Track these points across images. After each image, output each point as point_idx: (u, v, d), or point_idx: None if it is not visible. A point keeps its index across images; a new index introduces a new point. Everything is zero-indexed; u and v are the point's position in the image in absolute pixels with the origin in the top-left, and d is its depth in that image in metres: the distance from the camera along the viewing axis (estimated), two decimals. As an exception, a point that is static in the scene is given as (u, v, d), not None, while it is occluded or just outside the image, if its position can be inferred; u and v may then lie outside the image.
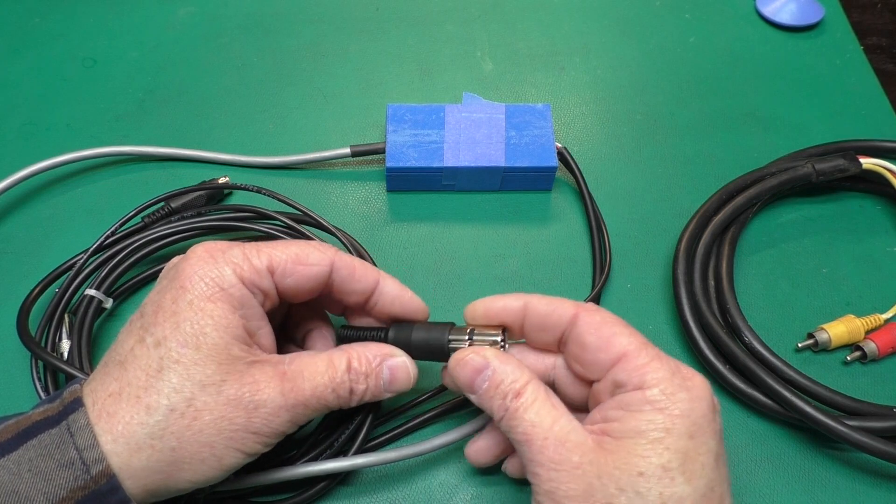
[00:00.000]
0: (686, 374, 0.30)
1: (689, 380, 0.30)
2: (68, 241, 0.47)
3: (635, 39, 0.61)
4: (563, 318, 0.33)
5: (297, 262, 0.33)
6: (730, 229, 0.47)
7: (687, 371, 0.30)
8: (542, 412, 0.30)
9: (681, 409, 0.28)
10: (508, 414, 0.30)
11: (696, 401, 0.29)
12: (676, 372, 0.30)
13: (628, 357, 0.30)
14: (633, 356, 0.30)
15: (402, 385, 0.34)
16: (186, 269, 0.31)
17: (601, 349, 0.31)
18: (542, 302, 0.33)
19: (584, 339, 0.32)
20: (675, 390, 0.29)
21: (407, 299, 0.36)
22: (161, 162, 0.52)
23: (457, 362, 0.32)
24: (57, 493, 0.28)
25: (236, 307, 0.31)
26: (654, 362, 0.30)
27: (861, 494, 0.39)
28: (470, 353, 0.32)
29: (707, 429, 0.29)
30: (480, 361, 0.32)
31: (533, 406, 0.30)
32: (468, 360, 0.32)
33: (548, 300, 0.33)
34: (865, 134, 0.54)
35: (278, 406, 0.31)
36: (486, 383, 0.31)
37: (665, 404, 0.29)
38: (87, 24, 0.60)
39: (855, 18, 0.64)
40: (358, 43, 0.60)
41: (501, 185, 0.50)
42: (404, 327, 0.36)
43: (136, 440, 0.29)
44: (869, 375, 0.43)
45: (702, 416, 0.29)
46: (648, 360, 0.30)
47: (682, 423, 0.28)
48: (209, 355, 0.30)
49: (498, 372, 0.31)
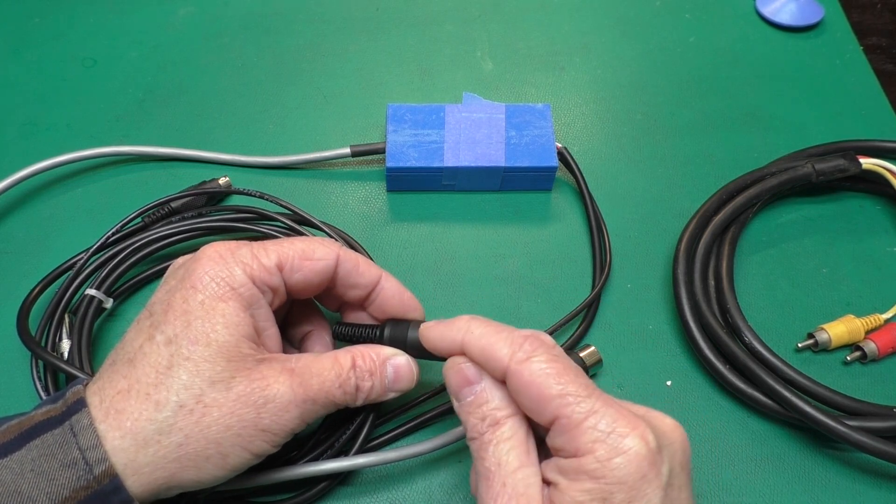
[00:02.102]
0: (622, 432, 0.27)
1: (625, 437, 0.27)
2: (68, 241, 0.47)
3: (635, 39, 0.61)
4: (498, 367, 0.30)
5: (304, 258, 0.33)
6: (730, 229, 0.47)
7: (626, 424, 0.27)
8: (513, 454, 0.29)
9: (617, 476, 0.27)
10: (482, 440, 0.29)
11: (633, 463, 0.27)
12: (613, 430, 0.27)
13: (561, 420, 0.28)
14: (566, 418, 0.28)
15: (406, 383, 0.35)
16: (197, 269, 0.31)
17: (534, 411, 0.29)
18: (479, 343, 0.30)
19: (519, 397, 0.29)
20: (610, 454, 0.27)
21: (406, 298, 0.37)
22: (161, 162, 0.52)
23: (452, 365, 0.32)
24: (60, 493, 0.28)
25: (246, 307, 0.31)
26: (588, 420, 0.27)
27: (861, 494, 0.39)
28: (465, 362, 0.31)
29: (647, 489, 0.27)
30: (474, 374, 0.31)
31: (507, 443, 0.29)
32: (463, 369, 0.31)
33: (485, 341, 0.30)
34: (865, 134, 0.54)
35: (287, 401, 0.31)
36: (471, 396, 0.31)
37: (601, 472, 0.27)
38: (87, 24, 0.60)
39: (855, 18, 0.64)
40: (358, 43, 0.60)
41: (501, 185, 0.50)
42: (400, 325, 0.36)
43: (143, 436, 0.29)
44: (869, 375, 0.43)
45: (640, 477, 0.27)
46: (583, 417, 0.27)
47: (619, 489, 0.27)
48: (219, 352, 0.30)
49: (486, 391, 0.30)
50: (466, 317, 0.32)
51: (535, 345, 0.29)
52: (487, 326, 0.31)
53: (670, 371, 0.43)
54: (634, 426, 0.27)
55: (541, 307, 0.46)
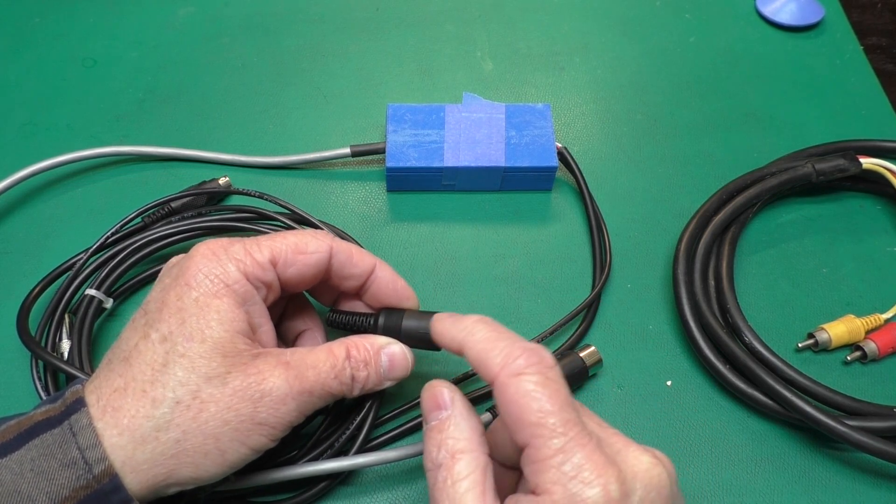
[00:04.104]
0: (585, 479, 0.26)
1: (586, 485, 0.26)
2: (68, 241, 0.47)
3: (635, 39, 0.61)
4: (488, 376, 0.29)
5: (298, 252, 0.33)
6: (730, 229, 0.47)
7: (592, 471, 0.26)
8: (468, 496, 0.27)
9: None
10: (439, 473, 0.28)
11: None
12: (577, 476, 0.26)
13: (530, 450, 0.27)
14: (535, 449, 0.27)
15: (401, 371, 0.35)
16: (191, 267, 0.31)
17: (511, 429, 0.28)
18: (476, 347, 0.29)
19: (500, 411, 0.28)
20: (567, 500, 0.26)
21: (400, 287, 0.37)
22: (161, 162, 0.52)
23: (429, 387, 0.31)
24: (59, 493, 0.28)
25: (241, 303, 0.31)
26: (555, 458, 0.26)
27: (861, 494, 0.39)
28: (444, 386, 0.31)
29: None
30: (445, 400, 0.30)
31: (463, 482, 0.28)
32: (436, 392, 0.31)
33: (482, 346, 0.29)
34: (865, 134, 0.54)
35: (284, 394, 0.31)
36: (435, 422, 0.30)
37: None
38: (87, 24, 0.60)
39: (855, 18, 0.64)
40: (358, 43, 0.60)
41: (501, 185, 0.50)
42: (394, 314, 0.36)
43: (141, 433, 0.29)
44: (869, 375, 0.43)
45: None
46: (551, 454, 0.26)
47: None
48: (214, 348, 0.30)
49: (453, 419, 0.29)
50: (475, 317, 0.31)
51: (531, 361, 0.28)
52: (491, 331, 0.30)
53: (670, 371, 0.43)
54: (600, 474, 0.26)
55: (541, 307, 0.46)
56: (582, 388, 0.42)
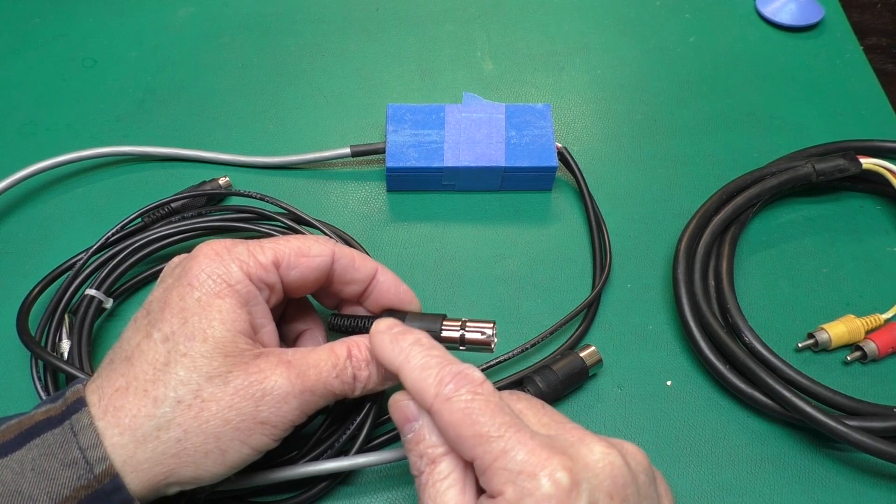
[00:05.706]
0: (531, 472, 0.26)
1: (533, 477, 0.26)
2: (68, 241, 0.47)
3: (635, 39, 0.61)
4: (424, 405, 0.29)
5: (301, 255, 0.34)
6: (730, 229, 0.47)
7: (536, 464, 0.26)
8: (450, 493, 0.28)
9: None
10: (421, 479, 0.29)
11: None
12: (522, 471, 0.26)
13: (476, 461, 0.28)
14: (479, 459, 0.27)
15: None
16: (194, 267, 0.31)
17: (458, 451, 0.29)
18: (410, 376, 0.30)
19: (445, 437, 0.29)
20: (518, 496, 0.26)
21: (402, 291, 0.37)
22: (161, 162, 0.52)
23: (394, 402, 0.31)
24: (60, 493, 0.28)
25: (243, 303, 0.31)
26: (498, 461, 0.27)
27: (861, 494, 0.39)
28: (406, 399, 0.31)
29: None
30: (413, 412, 0.30)
31: (444, 482, 0.29)
32: (402, 406, 0.31)
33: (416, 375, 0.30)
34: (865, 134, 0.54)
35: (286, 392, 0.31)
36: (411, 434, 0.30)
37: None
38: (87, 24, 0.60)
39: (855, 18, 0.64)
40: (358, 43, 0.60)
41: (501, 185, 0.50)
42: (396, 316, 0.36)
43: (142, 432, 0.29)
44: (869, 375, 0.43)
45: None
46: (493, 458, 0.27)
47: None
48: (216, 348, 0.30)
49: (424, 429, 0.30)
50: (412, 338, 0.31)
51: (460, 383, 0.29)
52: (424, 356, 0.30)
53: (670, 371, 0.43)
54: (544, 465, 0.26)
55: (541, 307, 0.46)
56: (582, 388, 0.42)
